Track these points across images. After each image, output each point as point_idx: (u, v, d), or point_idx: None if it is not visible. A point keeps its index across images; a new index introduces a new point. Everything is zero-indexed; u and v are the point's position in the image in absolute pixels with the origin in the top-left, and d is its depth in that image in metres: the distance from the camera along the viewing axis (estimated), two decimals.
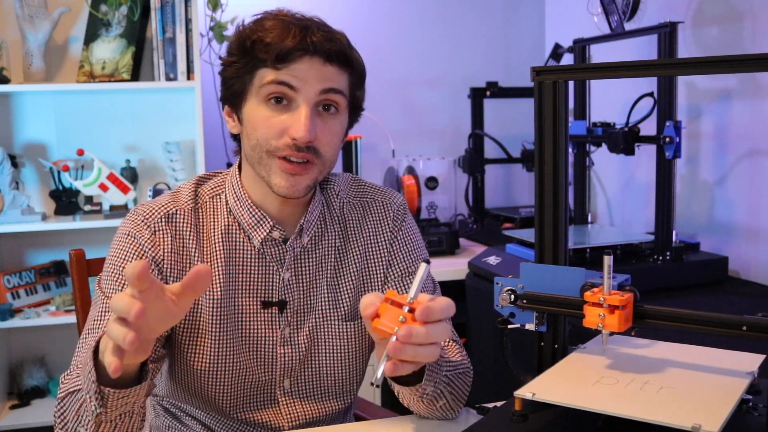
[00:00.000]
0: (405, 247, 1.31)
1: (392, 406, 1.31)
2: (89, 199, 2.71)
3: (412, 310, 0.93)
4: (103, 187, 2.61)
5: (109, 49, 2.65)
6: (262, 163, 1.15)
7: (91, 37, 2.67)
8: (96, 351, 0.96)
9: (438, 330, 0.95)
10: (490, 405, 1.08)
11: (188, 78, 2.61)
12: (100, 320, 1.13)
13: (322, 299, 1.25)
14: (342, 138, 1.21)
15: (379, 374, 0.92)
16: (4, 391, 2.72)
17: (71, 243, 2.72)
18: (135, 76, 2.65)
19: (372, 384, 0.93)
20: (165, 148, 2.78)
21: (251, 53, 1.12)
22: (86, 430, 1.01)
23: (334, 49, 1.12)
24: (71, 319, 2.50)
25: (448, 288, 2.10)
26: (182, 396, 1.25)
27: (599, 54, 2.64)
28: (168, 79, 2.61)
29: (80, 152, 2.58)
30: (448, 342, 1.26)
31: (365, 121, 2.94)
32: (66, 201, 2.72)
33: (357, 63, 1.19)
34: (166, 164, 2.80)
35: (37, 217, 2.59)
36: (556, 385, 0.97)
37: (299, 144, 1.11)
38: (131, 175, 2.78)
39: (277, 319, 1.23)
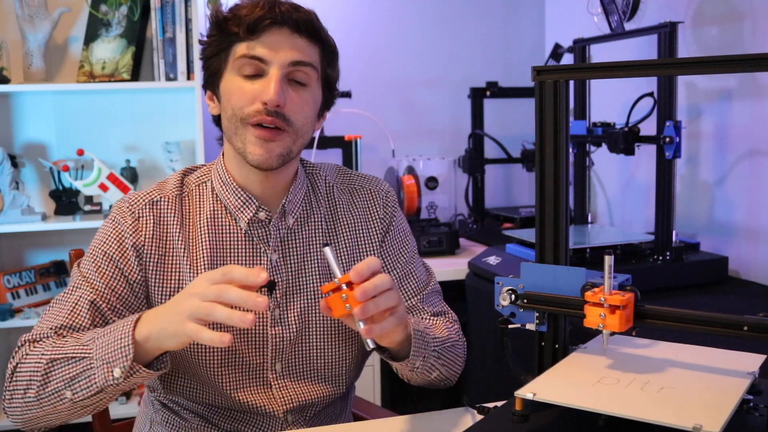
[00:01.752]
0: (396, 246, 1.35)
1: (392, 406, 1.31)
2: (89, 199, 2.71)
3: (349, 284, 1.02)
4: (103, 187, 2.61)
5: (109, 49, 2.65)
6: (238, 133, 1.19)
7: (91, 37, 2.67)
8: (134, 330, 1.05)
9: (378, 280, 1.02)
10: (491, 405, 1.08)
11: (188, 78, 2.62)
12: (70, 295, 1.20)
13: (313, 280, 1.28)
14: (313, 111, 1.24)
15: (370, 343, 1.04)
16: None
17: (71, 243, 2.72)
18: (135, 76, 2.66)
19: (368, 349, 1.04)
20: (165, 148, 2.78)
21: (225, 28, 1.19)
22: (75, 394, 1.07)
23: (301, 19, 1.18)
24: None
25: (448, 288, 2.11)
26: (177, 387, 1.27)
27: (599, 54, 2.64)
28: (168, 79, 2.61)
29: (80, 152, 2.58)
30: (435, 320, 1.32)
31: (365, 121, 2.98)
32: (66, 201, 2.72)
33: (327, 38, 1.23)
34: (166, 164, 2.80)
35: (37, 217, 2.59)
36: (556, 385, 0.97)
37: (269, 108, 1.16)
38: (131, 175, 2.78)
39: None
